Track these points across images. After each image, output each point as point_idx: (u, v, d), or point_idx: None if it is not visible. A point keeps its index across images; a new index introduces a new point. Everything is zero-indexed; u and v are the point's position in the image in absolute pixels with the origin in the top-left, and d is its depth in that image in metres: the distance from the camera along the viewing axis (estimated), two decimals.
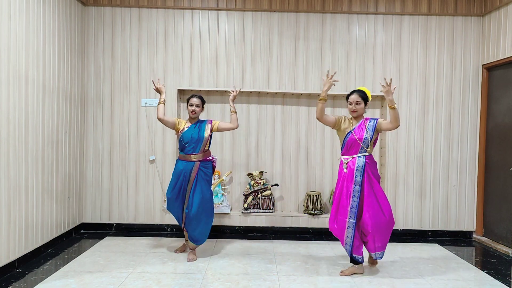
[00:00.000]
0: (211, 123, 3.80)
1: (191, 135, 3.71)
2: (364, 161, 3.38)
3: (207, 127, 3.78)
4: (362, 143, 3.39)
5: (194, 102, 3.75)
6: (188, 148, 3.72)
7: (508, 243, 4.28)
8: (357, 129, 3.42)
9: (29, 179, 3.61)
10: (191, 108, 3.76)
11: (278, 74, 4.81)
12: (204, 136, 3.73)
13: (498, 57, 4.46)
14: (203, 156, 3.77)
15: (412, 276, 3.48)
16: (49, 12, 3.92)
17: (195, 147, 3.72)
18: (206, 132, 3.75)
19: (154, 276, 3.33)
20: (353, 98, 3.41)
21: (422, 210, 4.83)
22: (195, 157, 3.73)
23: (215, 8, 4.75)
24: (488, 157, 4.70)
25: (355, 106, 3.40)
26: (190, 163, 3.73)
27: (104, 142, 4.78)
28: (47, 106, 3.90)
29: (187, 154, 3.74)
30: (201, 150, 3.75)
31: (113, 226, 4.81)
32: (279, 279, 3.31)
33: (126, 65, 4.76)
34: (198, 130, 3.74)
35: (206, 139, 3.75)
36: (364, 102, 3.43)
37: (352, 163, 3.40)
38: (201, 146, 3.74)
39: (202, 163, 3.76)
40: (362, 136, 3.39)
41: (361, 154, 3.41)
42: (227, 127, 3.82)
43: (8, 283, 3.14)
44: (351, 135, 3.41)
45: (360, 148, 3.40)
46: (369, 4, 4.77)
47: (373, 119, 3.45)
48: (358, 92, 3.43)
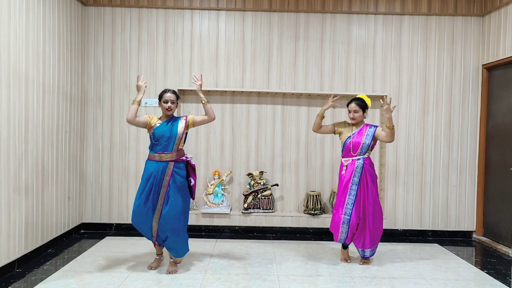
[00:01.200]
0: (186, 119, 3.43)
1: (163, 131, 3.33)
2: (362, 162, 3.63)
3: (180, 123, 3.39)
4: (361, 148, 3.63)
5: (169, 98, 3.37)
6: (159, 146, 3.34)
7: (508, 243, 4.28)
8: (357, 134, 3.66)
9: (29, 179, 3.61)
10: (166, 105, 3.37)
11: (278, 74, 4.81)
12: (178, 132, 3.34)
13: (498, 57, 4.46)
14: (177, 155, 3.37)
15: (412, 276, 3.48)
16: (49, 12, 3.92)
17: (166, 146, 3.33)
18: (179, 128, 3.36)
19: (154, 276, 3.33)
20: (352, 107, 3.67)
21: (422, 210, 4.83)
22: (167, 156, 3.34)
23: (215, 8, 4.75)
24: (488, 157, 4.70)
25: (353, 114, 3.66)
26: (161, 163, 3.33)
27: (104, 142, 4.78)
28: (47, 106, 3.90)
29: (157, 153, 3.34)
30: (174, 149, 3.36)
31: (113, 226, 4.81)
32: (279, 279, 3.31)
33: (126, 65, 4.76)
34: (171, 126, 3.36)
35: (180, 136, 3.36)
36: (362, 110, 3.67)
37: (351, 165, 3.64)
38: (174, 144, 3.35)
39: (176, 163, 3.36)
40: (360, 141, 3.63)
41: (360, 156, 3.64)
42: (203, 120, 3.46)
43: (8, 283, 3.14)
44: (350, 140, 3.66)
45: (359, 152, 3.64)
46: (369, 4, 4.77)
47: (373, 127, 3.68)
48: (356, 101, 3.67)
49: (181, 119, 3.43)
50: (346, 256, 3.84)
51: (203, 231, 4.75)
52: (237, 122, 4.87)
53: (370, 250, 3.68)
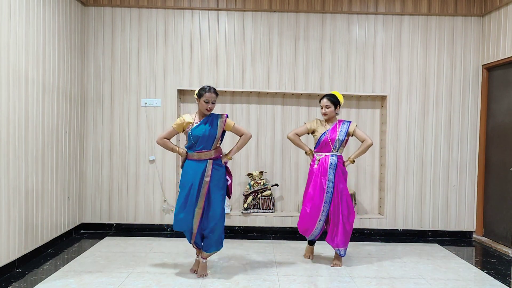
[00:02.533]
0: (225, 122, 3.29)
1: (203, 132, 3.21)
2: (336, 160, 3.66)
3: (220, 123, 3.28)
4: (334, 144, 3.67)
5: (210, 98, 3.20)
6: (200, 146, 3.24)
7: (508, 243, 4.28)
8: (331, 130, 3.69)
9: (29, 179, 3.61)
10: (206, 105, 3.21)
11: (278, 74, 4.81)
12: (217, 132, 3.25)
13: (498, 57, 4.46)
14: (215, 153, 3.29)
15: (412, 276, 3.48)
16: (49, 12, 3.92)
17: (206, 144, 3.24)
18: (219, 128, 3.27)
19: (154, 276, 3.33)
20: (323, 102, 3.70)
21: (422, 210, 4.83)
22: (206, 155, 3.25)
23: (215, 8, 4.75)
24: (488, 157, 4.70)
25: (325, 109, 3.68)
26: (201, 162, 3.24)
27: (104, 142, 4.78)
28: (47, 106, 3.90)
29: (196, 152, 3.25)
30: (213, 147, 3.27)
31: (113, 226, 4.81)
32: (279, 279, 3.31)
33: (126, 65, 4.76)
34: (209, 126, 3.24)
35: (218, 136, 3.28)
36: (334, 106, 3.69)
37: (324, 161, 3.66)
38: (213, 143, 3.26)
39: (215, 161, 3.28)
40: (334, 137, 3.67)
41: (333, 153, 3.68)
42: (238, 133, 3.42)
43: (8, 283, 3.14)
44: (325, 136, 3.68)
45: (332, 148, 3.68)
46: (369, 4, 4.77)
47: (347, 123, 3.73)
48: (327, 96, 3.71)
49: (220, 119, 3.29)
50: (311, 253, 3.89)
51: None
52: (237, 122, 4.86)
53: (344, 249, 3.67)
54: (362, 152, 3.71)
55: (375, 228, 4.81)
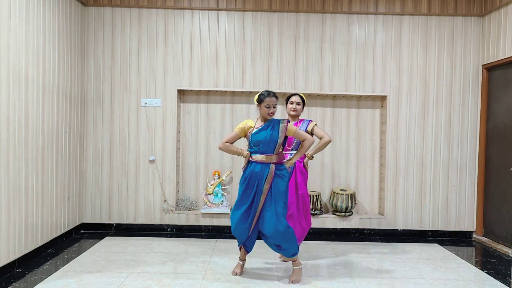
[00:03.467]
0: (287, 127, 3.21)
1: (264, 137, 3.19)
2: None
3: (281, 128, 3.21)
4: (294, 142, 3.62)
5: (271, 103, 3.21)
6: (261, 149, 3.21)
7: (508, 243, 4.28)
8: None
9: (29, 179, 3.61)
10: (268, 109, 3.22)
11: (278, 74, 4.81)
12: (278, 137, 3.20)
13: (498, 57, 4.46)
14: (277, 158, 3.24)
15: (412, 276, 3.48)
16: (49, 12, 3.92)
17: (267, 149, 3.21)
18: (280, 133, 3.21)
19: (154, 276, 3.33)
20: (295, 99, 3.69)
21: (422, 210, 4.83)
22: (269, 158, 3.21)
23: (215, 8, 4.75)
24: (488, 157, 4.70)
25: (296, 106, 3.67)
26: (264, 165, 3.20)
27: (104, 142, 4.78)
28: (47, 106, 3.90)
29: (260, 155, 3.22)
30: (275, 152, 3.23)
31: (113, 226, 4.81)
32: (279, 280, 3.31)
33: (126, 65, 4.76)
34: (271, 131, 3.21)
35: (280, 142, 3.21)
36: (303, 104, 3.72)
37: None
38: (275, 148, 3.21)
39: (277, 166, 3.24)
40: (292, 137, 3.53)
41: (293, 152, 3.62)
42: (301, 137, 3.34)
43: (8, 283, 3.14)
44: None
45: (293, 147, 3.63)
46: (369, 4, 4.77)
47: (307, 121, 3.72)
48: (298, 95, 3.73)
49: (282, 123, 3.23)
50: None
51: (203, 231, 4.75)
52: (237, 122, 4.86)
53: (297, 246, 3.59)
54: (320, 148, 3.59)
55: (375, 228, 4.81)
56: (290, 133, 3.23)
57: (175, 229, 4.77)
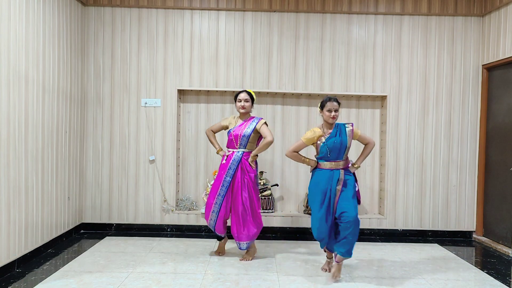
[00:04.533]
0: (352, 130, 3.37)
1: (333, 143, 3.30)
2: (240, 156, 3.70)
3: (348, 132, 3.36)
4: (241, 140, 3.71)
5: (333, 107, 3.29)
6: (333, 156, 3.33)
7: (508, 243, 4.28)
8: (239, 126, 3.75)
9: (29, 179, 3.61)
10: (329, 113, 3.30)
11: (278, 74, 4.81)
12: (347, 142, 3.33)
13: (498, 57, 4.46)
14: (344, 164, 3.37)
15: (412, 276, 3.48)
16: (49, 12, 3.92)
17: (338, 155, 3.33)
18: (348, 138, 3.34)
19: (154, 276, 3.33)
20: (243, 96, 3.73)
21: (422, 210, 4.83)
22: (338, 164, 3.34)
23: (215, 8, 4.75)
24: (488, 157, 4.70)
25: (245, 103, 3.72)
26: (334, 171, 3.33)
27: (104, 142, 4.78)
28: (47, 106, 3.90)
29: (328, 162, 3.35)
30: (344, 157, 3.36)
31: (113, 226, 4.81)
32: (279, 279, 3.31)
33: (126, 65, 4.76)
34: (340, 138, 3.33)
35: (349, 146, 3.34)
36: (251, 101, 3.77)
37: (230, 156, 3.72)
38: (344, 153, 3.34)
39: (346, 171, 3.36)
40: (240, 133, 3.71)
41: (240, 149, 3.72)
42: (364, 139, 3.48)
43: (8, 283, 3.14)
44: (232, 132, 3.75)
45: (240, 144, 3.72)
46: (369, 4, 4.77)
47: (257, 119, 3.76)
48: (246, 91, 3.77)
49: (348, 127, 3.37)
50: (221, 250, 3.93)
51: (203, 231, 4.75)
52: None
53: (245, 243, 3.73)
54: (261, 149, 3.70)
55: (375, 228, 4.81)
56: (356, 136, 3.38)
57: (175, 229, 4.77)
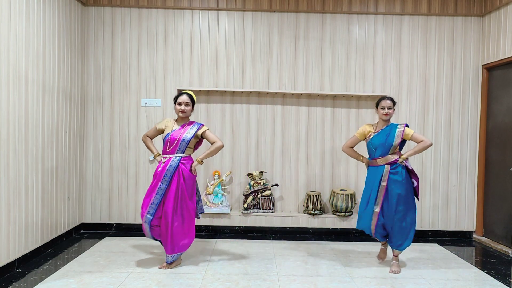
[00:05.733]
0: (403, 131, 3.51)
1: (379, 141, 3.52)
2: (178, 162, 3.43)
3: (398, 132, 3.52)
4: (179, 145, 3.46)
5: (386, 105, 3.56)
6: (378, 153, 3.55)
7: (508, 243, 4.28)
8: (177, 130, 3.50)
9: (29, 179, 3.61)
10: (383, 111, 3.54)
11: (278, 74, 4.81)
12: (394, 140, 3.49)
13: (498, 57, 4.46)
14: (386, 160, 3.54)
15: (412, 276, 3.48)
16: (49, 12, 3.92)
17: (384, 151, 3.53)
18: (396, 137, 3.49)
19: (154, 276, 3.33)
20: (183, 99, 3.49)
21: (422, 210, 4.83)
22: (381, 161, 3.54)
23: (215, 8, 4.75)
24: (488, 157, 4.70)
25: (185, 107, 3.48)
26: (379, 168, 3.53)
27: (104, 142, 4.78)
28: (47, 106, 3.90)
29: (374, 159, 3.58)
30: (384, 153, 3.54)
31: (113, 226, 4.81)
32: (279, 279, 3.31)
33: (126, 65, 4.76)
34: (386, 136, 3.52)
35: (396, 145, 3.50)
36: (192, 105, 3.54)
37: (166, 163, 3.44)
38: (389, 150, 3.52)
39: (391, 166, 3.52)
40: (179, 137, 3.46)
41: (177, 155, 3.47)
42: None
43: (8, 283, 3.14)
44: (169, 137, 3.47)
45: (177, 150, 3.47)
46: (369, 4, 4.77)
47: (198, 125, 3.54)
48: (187, 94, 3.52)
49: (399, 128, 3.53)
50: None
51: (203, 231, 4.75)
52: (237, 122, 4.87)
53: (170, 256, 3.45)
54: (211, 153, 3.50)
55: None
56: (407, 137, 3.50)
57: None
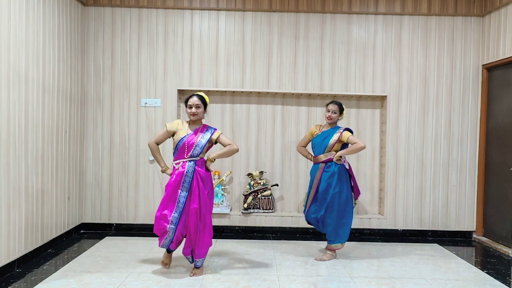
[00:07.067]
0: (341, 133, 3.85)
1: (318, 140, 3.95)
2: (194, 166, 3.28)
3: (335, 135, 3.89)
4: (194, 149, 3.29)
5: (331, 109, 3.92)
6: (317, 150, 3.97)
7: (508, 243, 4.28)
8: (192, 135, 3.32)
9: (29, 179, 3.61)
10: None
11: (278, 74, 4.81)
12: (330, 142, 3.88)
13: (498, 57, 4.46)
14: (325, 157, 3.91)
15: (412, 276, 3.48)
16: (49, 12, 3.92)
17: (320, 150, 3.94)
18: (331, 139, 3.88)
19: (154, 276, 3.33)
20: (193, 101, 3.31)
21: (422, 210, 4.83)
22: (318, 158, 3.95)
23: (215, 8, 4.75)
24: (488, 157, 4.70)
25: (196, 109, 3.30)
26: (316, 165, 3.98)
27: (104, 142, 4.78)
28: (47, 106, 3.90)
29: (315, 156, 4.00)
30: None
31: (113, 226, 4.81)
32: (279, 279, 3.31)
33: (126, 65, 4.76)
34: (323, 136, 3.93)
35: (332, 144, 3.87)
36: (203, 106, 3.36)
37: (182, 168, 3.27)
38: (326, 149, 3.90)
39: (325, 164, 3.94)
40: (196, 142, 3.29)
41: (192, 159, 3.29)
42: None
43: (8, 283, 3.14)
44: (184, 140, 3.30)
45: (191, 154, 3.29)
46: (369, 4, 4.77)
47: (212, 129, 3.38)
48: (198, 95, 3.35)
49: (338, 131, 3.87)
50: (168, 261, 3.49)
51: None
52: (237, 122, 4.87)
53: (200, 260, 3.37)
54: (225, 154, 3.37)
55: (375, 228, 4.81)
56: (344, 139, 3.78)
57: None
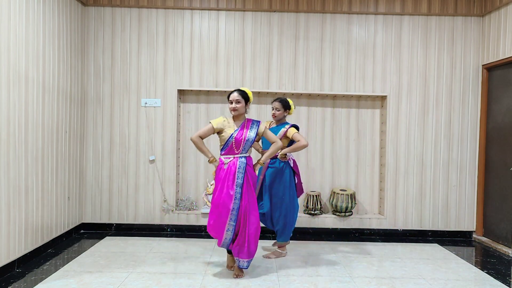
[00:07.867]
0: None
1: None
2: (245, 162, 3.29)
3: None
4: (245, 144, 3.28)
5: (274, 106, 3.83)
6: None
7: (508, 243, 4.28)
8: (240, 131, 3.29)
9: (29, 179, 3.61)
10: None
11: (278, 74, 4.81)
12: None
13: (498, 57, 4.46)
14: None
15: (412, 276, 3.48)
16: (49, 12, 3.92)
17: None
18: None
19: (154, 276, 3.33)
20: (234, 97, 3.28)
21: (422, 210, 4.83)
22: None
23: (215, 8, 4.75)
24: (488, 157, 4.70)
25: (236, 104, 3.27)
26: None
27: (104, 142, 4.78)
28: (47, 106, 3.90)
29: None
30: None
31: (113, 226, 4.81)
32: (279, 279, 3.31)
33: (126, 65, 4.76)
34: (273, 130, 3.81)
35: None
36: (244, 101, 3.31)
37: (234, 164, 3.25)
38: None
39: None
40: (246, 137, 3.27)
41: (242, 154, 3.30)
42: None
43: (8, 283, 3.14)
44: (235, 137, 3.27)
45: (242, 149, 3.29)
46: (369, 4, 4.77)
47: (257, 122, 3.37)
48: (238, 91, 3.31)
49: (284, 128, 3.81)
50: (232, 263, 3.47)
51: (203, 231, 4.74)
52: None
53: (247, 261, 3.30)
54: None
55: (375, 228, 4.81)
56: (289, 135, 3.70)
57: (175, 229, 4.77)
